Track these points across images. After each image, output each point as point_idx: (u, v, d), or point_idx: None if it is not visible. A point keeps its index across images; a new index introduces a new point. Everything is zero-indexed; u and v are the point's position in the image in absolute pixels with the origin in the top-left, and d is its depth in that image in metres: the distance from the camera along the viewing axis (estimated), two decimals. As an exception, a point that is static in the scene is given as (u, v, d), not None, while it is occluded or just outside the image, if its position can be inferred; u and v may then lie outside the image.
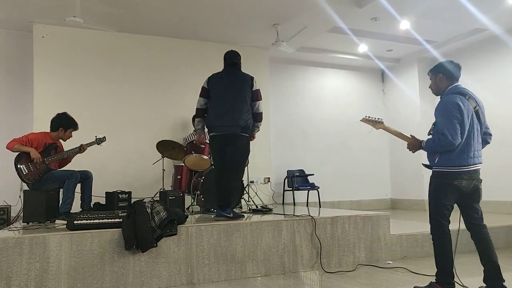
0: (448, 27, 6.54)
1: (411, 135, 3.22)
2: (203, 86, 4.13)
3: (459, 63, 3.10)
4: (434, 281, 3.04)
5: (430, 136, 3.05)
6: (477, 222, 3.05)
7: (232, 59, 4.29)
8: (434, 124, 3.05)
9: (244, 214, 4.20)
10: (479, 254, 3.03)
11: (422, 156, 3.24)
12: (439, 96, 3.15)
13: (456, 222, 3.11)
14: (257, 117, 4.11)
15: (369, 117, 3.44)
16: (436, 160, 2.97)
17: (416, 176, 7.86)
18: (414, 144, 3.19)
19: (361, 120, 3.46)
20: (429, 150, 3.05)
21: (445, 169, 2.92)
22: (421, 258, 4.31)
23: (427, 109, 7.69)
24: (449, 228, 3.05)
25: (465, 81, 3.16)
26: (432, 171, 3.06)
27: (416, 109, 7.84)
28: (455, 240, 3.07)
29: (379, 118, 3.45)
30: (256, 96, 4.09)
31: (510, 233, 4.82)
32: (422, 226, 5.33)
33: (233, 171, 4.03)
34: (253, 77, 4.14)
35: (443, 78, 3.08)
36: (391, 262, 4.11)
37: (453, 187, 2.92)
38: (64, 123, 4.47)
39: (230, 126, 3.93)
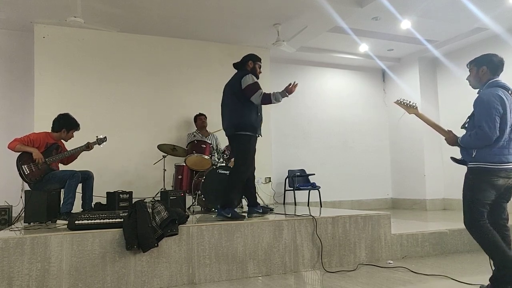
0: (448, 27, 6.54)
1: (448, 130, 3.04)
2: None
3: (502, 58, 2.95)
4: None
5: (464, 131, 2.92)
6: (503, 222, 2.92)
7: (236, 66, 4.37)
8: (469, 117, 2.91)
9: (244, 215, 4.21)
10: (489, 255, 2.86)
11: (423, 155, 3.23)
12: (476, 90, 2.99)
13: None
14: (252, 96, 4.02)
15: (403, 100, 3.29)
16: (474, 154, 2.80)
17: (417, 176, 7.87)
18: (451, 140, 3.01)
19: (394, 102, 3.36)
20: (465, 145, 2.87)
21: (483, 165, 2.76)
22: (421, 258, 4.31)
23: (428, 108, 7.69)
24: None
25: (465, 80, 3.14)
26: (468, 167, 2.89)
27: (418, 108, 7.82)
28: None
29: (413, 103, 3.29)
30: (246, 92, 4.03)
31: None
32: (422, 225, 5.35)
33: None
34: (242, 76, 4.07)
35: (486, 71, 2.91)
36: (391, 262, 4.11)
37: (489, 185, 2.76)
38: (66, 124, 4.48)
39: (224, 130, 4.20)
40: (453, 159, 3.03)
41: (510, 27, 6.28)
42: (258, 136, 4.23)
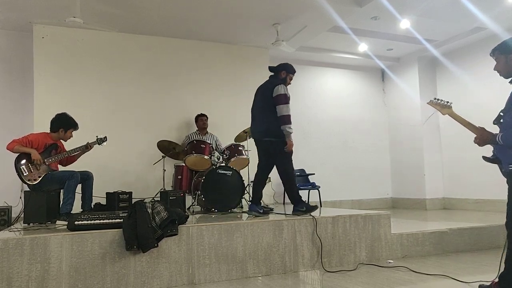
0: (448, 26, 6.53)
1: (480, 127, 2.78)
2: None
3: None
4: None
5: (497, 126, 2.72)
6: None
7: (271, 70, 4.52)
8: (502, 111, 2.71)
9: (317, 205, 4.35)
10: (507, 255, 2.80)
11: (423, 154, 3.19)
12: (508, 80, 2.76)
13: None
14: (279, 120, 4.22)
15: (437, 99, 3.06)
16: None
17: (416, 176, 7.86)
18: (484, 139, 2.72)
19: (428, 103, 3.16)
20: (507, 145, 2.61)
21: None
22: (422, 257, 4.31)
23: (427, 108, 7.68)
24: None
25: (465, 80, 3.11)
26: (510, 170, 2.66)
27: (417, 108, 7.84)
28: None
29: (448, 102, 3.04)
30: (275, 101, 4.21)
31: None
32: (422, 225, 5.35)
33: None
34: (276, 85, 4.24)
35: None
36: (392, 261, 4.10)
37: None
38: (64, 124, 4.47)
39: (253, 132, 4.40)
40: (485, 158, 2.84)
41: (509, 26, 6.28)
42: None
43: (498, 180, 2.73)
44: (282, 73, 4.41)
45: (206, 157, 5.16)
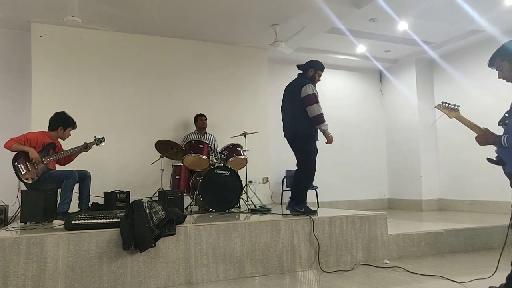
0: (445, 28, 6.57)
1: (484, 128, 2.77)
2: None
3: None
4: None
5: (501, 128, 2.70)
6: None
7: (299, 68, 4.63)
8: (508, 113, 2.68)
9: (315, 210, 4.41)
10: None
11: (419, 156, 3.20)
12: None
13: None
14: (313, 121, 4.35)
15: (445, 103, 3.02)
16: None
17: (413, 177, 7.90)
18: (486, 139, 2.71)
19: (435, 107, 3.10)
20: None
21: None
22: (417, 258, 4.33)
23: (425, 109, 7.73)
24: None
25: (462, 82, 3.12)
26: None
27: (414, 110, 7.87)
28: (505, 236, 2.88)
29: (455, 105, 2.99)
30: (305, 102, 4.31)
31: (504, 233, 4.85)
32: (418, 226, 5.37)
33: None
34: (303, 85, 4.32)
35: None
36: (388, 262, 4.13)
37: None
38: (63, 122, 4.46)
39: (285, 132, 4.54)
40: (489, 160, 2.82)
41: (505, 29, 6.32)
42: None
43: (493, 181, 2.76)
44: (310, 71, 4.49)
45: (204, 157, 5.16)
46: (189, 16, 5.81)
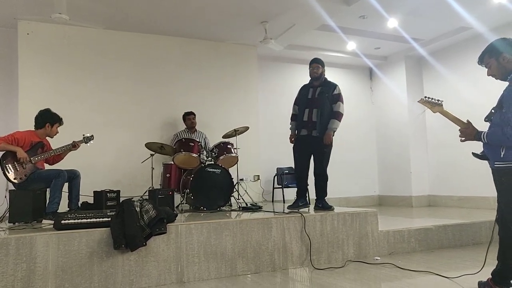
0: (434, 26, 6.62)
1: (467, 121, 2.78)
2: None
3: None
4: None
5: (488, 124, 2.72)
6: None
7: None
8: (494, 109, 2.69)
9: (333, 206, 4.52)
10: (500, 250, 2.81)
11: (409, 152, 3.22)
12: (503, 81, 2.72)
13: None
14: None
15: (428, 98, 3.02)
16: (503, 154, 2.57)
17: (403, 173, 7.96)
18: (468, 133, 2.73)
19: (418, 101, 3.11)
20: (493, 142, 2.62)
21: None
22: (407, 254, 4.38)
23: (415, 106, 7.78)
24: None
25: (451, 78, 3.14)
26: (497, 167, 2.65)
27: (404, 107, 7.93)
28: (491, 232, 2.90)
29: (438, 100, 3.00)
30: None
31: (491, 228, 4.93)
32: (408, 222, 5.43)
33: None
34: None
35: (508, 58, 2.62)
36: (379, 258, 4.16)
37: None
38: (49, 119, 4.41)
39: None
40: (474, 154, 2.85)
41: (493, 26, 6.39)
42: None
43: (481, 177, 2.79)
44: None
45: (194, 155, 5.14)
46: (177, 13, 5.76)
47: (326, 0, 5.40)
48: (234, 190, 5.26)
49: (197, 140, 5.43)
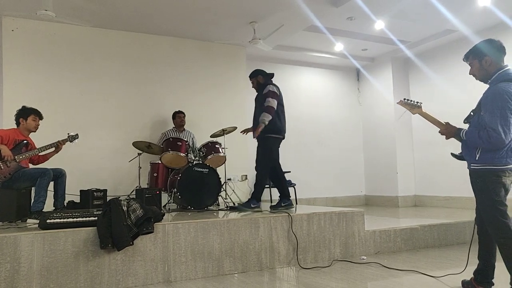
0: (420, 28, 6.72)
1: (445, 122, 2.86)
2: (275, 92, 4.60)
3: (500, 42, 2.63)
4: None
5: (467, 125, 2.75)
6: None
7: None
8: (473, 111, 2.73)
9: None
10: (480, 250, 2.88)
11: (395, 153, 3.27)
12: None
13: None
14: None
15: (407, 100, 3.09)
16: (477, 156, 2.63)
17: (389, 174, 8.05)
18: (448, 132, 2.82)
19: (398, 103, 3.18)
20: (470, 144, 2.67)
21: (490, 167, 2.60)
22: (393, 253, 4.43)
23: (400, 107, 7.87)
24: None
25: (436, 80, 3.19)
26: (472, 169, 2.71)
27: (391, 108, 8.02)
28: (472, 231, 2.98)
29: (417, 102, 3.05)
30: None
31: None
32: (395, 222, 5.49)
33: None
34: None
35: (491, 61, 2.67)
36: (365, 258, 4.21)
37: (499, 184, 2.60)
38: (21, 114, 4.40)
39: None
40: (453, 155, 2.91)
41: (478, 29, 6.51)
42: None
43: (466, 178, 2.84)
44: None
45: (182, 154, 5.13)
46: (166, 12, 5.73)
47: (314, 1, 5.44)
48: (222, 189, 5.25)
49: (185, 139, 5.41)
